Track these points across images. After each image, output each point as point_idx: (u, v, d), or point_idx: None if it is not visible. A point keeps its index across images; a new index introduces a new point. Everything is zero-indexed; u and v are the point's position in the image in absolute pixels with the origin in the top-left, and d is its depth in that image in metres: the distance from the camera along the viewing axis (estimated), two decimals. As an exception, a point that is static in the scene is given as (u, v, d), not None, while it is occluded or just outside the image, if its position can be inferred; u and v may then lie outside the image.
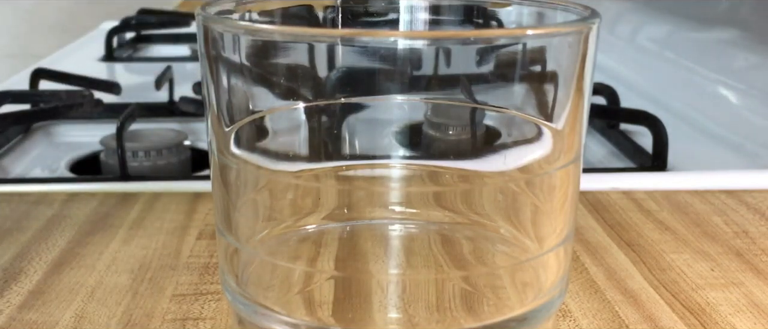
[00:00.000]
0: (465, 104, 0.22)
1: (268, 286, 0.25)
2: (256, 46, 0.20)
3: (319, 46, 0.19)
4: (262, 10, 0.25)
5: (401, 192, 0.23)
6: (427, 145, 0.23)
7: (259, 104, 0.22)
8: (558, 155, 0.22)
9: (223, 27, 0.20)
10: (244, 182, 0.24)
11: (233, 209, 0.24)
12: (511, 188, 0.23)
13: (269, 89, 0.21)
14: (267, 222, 0.26)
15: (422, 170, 0.23)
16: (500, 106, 0.22)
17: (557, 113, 0.21)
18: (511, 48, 0.19)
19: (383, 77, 0.19)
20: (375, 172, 0.23)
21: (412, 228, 0.24)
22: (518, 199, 0.23)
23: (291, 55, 0.20)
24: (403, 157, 0.23)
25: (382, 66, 0.18)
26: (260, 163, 0.24)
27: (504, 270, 0.24)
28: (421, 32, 0.19)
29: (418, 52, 0.19)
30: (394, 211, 0.24)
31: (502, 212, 0.24)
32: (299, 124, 0.23)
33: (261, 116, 0.23)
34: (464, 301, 0.24)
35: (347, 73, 0.20)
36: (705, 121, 0.64)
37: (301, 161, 0.24)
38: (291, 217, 0.27)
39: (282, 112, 0.23)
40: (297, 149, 0.24)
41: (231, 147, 0.23)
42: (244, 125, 0.22)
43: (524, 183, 0.23)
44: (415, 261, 0.25)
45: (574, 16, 0.22)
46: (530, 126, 0.21)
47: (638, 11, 0.83)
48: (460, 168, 0.23)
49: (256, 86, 0.21)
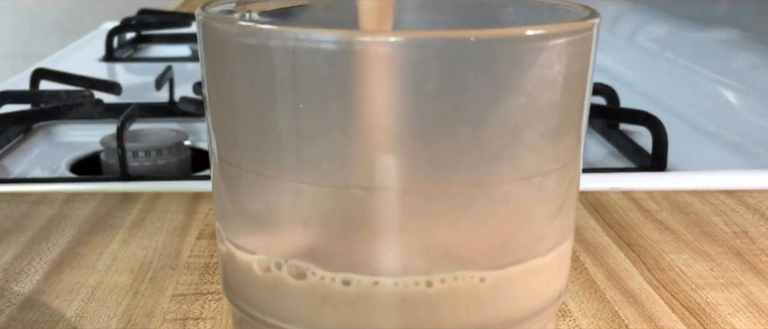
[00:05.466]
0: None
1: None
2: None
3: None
4: (262, 11, 0.25)
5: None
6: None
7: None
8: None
9: (224, 27, 0.20)
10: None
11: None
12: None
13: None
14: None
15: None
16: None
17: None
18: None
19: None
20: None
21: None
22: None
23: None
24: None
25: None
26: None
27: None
28: (420, 32, 0.19)
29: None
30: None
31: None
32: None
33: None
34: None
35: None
36: (705, 121, 0.64)
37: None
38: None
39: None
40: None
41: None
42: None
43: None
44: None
45: (574, 17, 0.22)
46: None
47: (638, 11, 0.83)
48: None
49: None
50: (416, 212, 0.20)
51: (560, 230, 0.22)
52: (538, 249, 0.22)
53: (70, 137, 0.64)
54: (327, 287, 0.21)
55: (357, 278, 0.20)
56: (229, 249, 0.23)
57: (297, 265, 0.21)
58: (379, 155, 0.19)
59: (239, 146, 0.21)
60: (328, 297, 0.21)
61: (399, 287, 0.20)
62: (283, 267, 0.21)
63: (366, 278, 0.20)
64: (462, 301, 0.21)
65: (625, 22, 0.84)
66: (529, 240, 0.21)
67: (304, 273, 0.21)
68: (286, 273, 0.21)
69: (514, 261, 0.21)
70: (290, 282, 0.21)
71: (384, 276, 0.20)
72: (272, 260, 0.21)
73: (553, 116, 0.21)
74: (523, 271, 0.22)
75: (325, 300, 0.21)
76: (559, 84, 0.20)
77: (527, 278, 0.22)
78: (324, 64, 0.19)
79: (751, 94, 0.62)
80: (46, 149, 0.62)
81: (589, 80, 0.22)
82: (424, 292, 0.20)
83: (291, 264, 0.21)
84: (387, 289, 0.20)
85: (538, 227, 0.22)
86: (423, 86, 0.19)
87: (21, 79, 0.73)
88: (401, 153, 0.20)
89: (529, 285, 0.22)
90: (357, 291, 0.20)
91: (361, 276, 0.20)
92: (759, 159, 0.56)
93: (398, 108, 0.19)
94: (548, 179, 0.21)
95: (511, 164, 0.20)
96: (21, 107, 0.60)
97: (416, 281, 0.20)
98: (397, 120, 0.19)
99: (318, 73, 0.19)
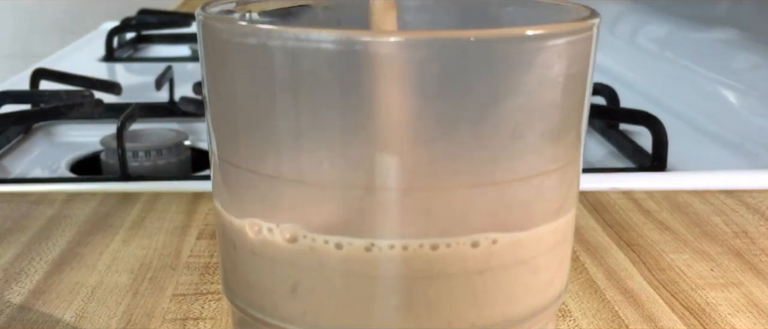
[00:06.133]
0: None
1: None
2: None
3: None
4: (262, 11, 0.25)
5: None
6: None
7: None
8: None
9: (224, 27, 0.20)
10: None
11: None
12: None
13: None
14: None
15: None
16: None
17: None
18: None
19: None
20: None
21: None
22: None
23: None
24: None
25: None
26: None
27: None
28: (421, 32, 0.19)
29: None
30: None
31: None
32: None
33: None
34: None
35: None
36: (705, 121, 0.64)
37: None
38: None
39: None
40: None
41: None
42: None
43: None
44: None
45: (574, 17, 0.22)
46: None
47: (638, 11, 0.83)
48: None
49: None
50: (416, 212, 0.20)
51: (560, 230, 0.22)
52: (538, 248, 0.22)
53: (70, 137, 0.64)
54: (320, 249, 0.20)
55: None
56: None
57: (290, 228, 0.21)
58: (379, 155, 0.19)
59: (239, 146, 0.21)
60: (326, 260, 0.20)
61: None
62: (275, 231, 0.21)
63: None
64: (459, 296, 0.21)
65: (625, 22, 0.84)
66: (529, 240, 0.21)
67: (295, 237, 0.21)
68: (278, 236, 0.21)
69: (514, 260, 0.21)
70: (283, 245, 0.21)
71: (384, 276, 0.20)
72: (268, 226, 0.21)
73: (553, 116, 0.21)
74: (524, 271, 0.22)
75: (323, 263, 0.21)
76: (559, 84, 0.20)
77: (527, 278, 0.22)
78: (324, 64, 0.19)
79: (751, 94, 0.62)
80: (46, 149, 0.62)
81: (589, 80, 0.22)
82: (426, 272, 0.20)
83: (283, 227, 0.21)
84: (387, 289, 0.20)
85: (538, 227, 0.22)
86: (423, 86, 0.19)
87: (21, 79, 0.73)
88: (401, 153, 0.20)
89: (529, 285, 0.22)
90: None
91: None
92: (759, 159, 0.56)
93: (398, 108, 0.19)
94: (548, 179, 0.21)
95: (511, 164, 0.20)
96: (21, 107, 0.60)
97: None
98: (397, 120, 0.19)
99: (318, 73, 0.19)
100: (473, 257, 0.21)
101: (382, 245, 0.20)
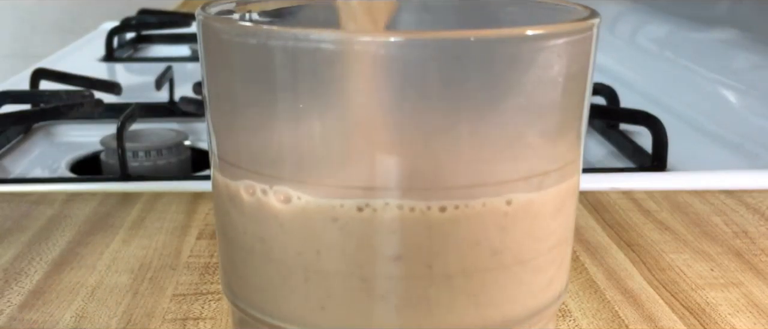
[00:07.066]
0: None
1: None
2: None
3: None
4: (262, 11, 0.25)
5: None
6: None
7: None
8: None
9: (224, 27, 0.20)
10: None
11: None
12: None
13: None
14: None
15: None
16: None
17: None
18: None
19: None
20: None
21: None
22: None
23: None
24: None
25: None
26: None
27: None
28: (420, 32, 0.19)
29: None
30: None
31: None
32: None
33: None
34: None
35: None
36: (705, 121, 0.64)
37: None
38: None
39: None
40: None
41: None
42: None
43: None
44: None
45: (574, 17, 0.22)
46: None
47: (638, 11, 0.83)
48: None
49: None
50: (416, 212, 0.20)
51: (560, 230, 0.22)
52: (538, 248, 0.22)
53: (70, 137, 0.64)
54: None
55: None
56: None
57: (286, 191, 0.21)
58: (379, 155, 0.20)
59: (239, 146, 0.21)
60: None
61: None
62: (268, 193, 0.21)
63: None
64: (459, 296, 0.21)
65: (625, 22, 0.84)
66: (530, 240, 0.21)
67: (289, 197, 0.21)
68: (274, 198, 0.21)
69: (514, 260, 0.21)
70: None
71: (384, 276, 0.20)
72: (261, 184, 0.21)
73: (553, 116, 0.21)
74: (524, 271, 0.22)
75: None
76: (559, 84, 0.20)
77: (527, 278, 0.22)
78: (324, 64, 0.19)
79: (751, 94, 0.62)
80: (46, 149, 0.62)
81: (589, 80, 0.22)
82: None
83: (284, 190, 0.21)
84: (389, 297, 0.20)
85: (538, 227, 0.22)
86: (423, 86, 0.19)
87: (21, 79, 0.73)
88: (401, 153, 0.20)
89: (529, 285, 0.22)
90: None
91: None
92: (759, 159, 0.56)
93: (398, 108, 0.19)
94: (548, 179, 0.21)
95: (511, 164, 0.20)
96: (21, 107, 0.60)
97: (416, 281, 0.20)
98: (397, 120, 0.19)
99: (318, 73, 0.19)
100: (473, 256, 0.21)
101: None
